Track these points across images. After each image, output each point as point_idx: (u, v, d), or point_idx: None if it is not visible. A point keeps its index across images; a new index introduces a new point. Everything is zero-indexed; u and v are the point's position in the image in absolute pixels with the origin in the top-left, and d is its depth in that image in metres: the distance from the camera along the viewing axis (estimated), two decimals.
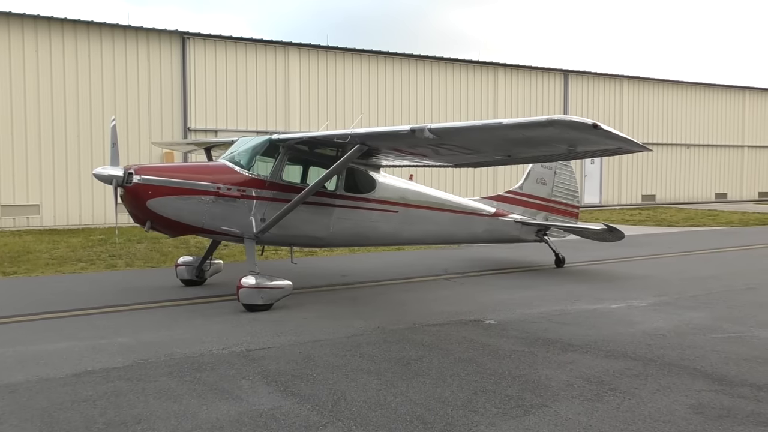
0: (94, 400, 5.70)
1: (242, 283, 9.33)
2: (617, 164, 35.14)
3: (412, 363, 6.88)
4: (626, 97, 35.79)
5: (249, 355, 7.15)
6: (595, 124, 6.88)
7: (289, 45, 26.10)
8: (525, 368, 6.72)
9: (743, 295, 10.88)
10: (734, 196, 40.30)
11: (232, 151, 10.56)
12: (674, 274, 13.01)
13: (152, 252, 15.52)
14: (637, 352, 7.36)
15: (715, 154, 39.50)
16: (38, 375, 6.38)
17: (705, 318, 9.09)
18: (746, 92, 40.69)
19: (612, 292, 11.02)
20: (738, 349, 7.46)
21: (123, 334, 7.97)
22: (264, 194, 10.13)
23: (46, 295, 10.55)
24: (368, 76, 28.04)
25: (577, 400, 5.78)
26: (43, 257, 14.59)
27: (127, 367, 6.68)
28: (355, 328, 8.40)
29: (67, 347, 7.38)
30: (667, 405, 5.68)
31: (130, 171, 9.40)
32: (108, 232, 19.19)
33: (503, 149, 9.28)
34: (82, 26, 22.39)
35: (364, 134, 9.51)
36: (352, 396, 5.85)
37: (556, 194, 14.71)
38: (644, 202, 36.17)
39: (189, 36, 24.13)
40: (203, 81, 24.48)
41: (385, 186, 11.55)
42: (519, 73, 32.30)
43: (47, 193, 21.94)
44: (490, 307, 9.77)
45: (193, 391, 5.95)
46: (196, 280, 11.36)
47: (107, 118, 21.96)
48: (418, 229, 12.01)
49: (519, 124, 7.65)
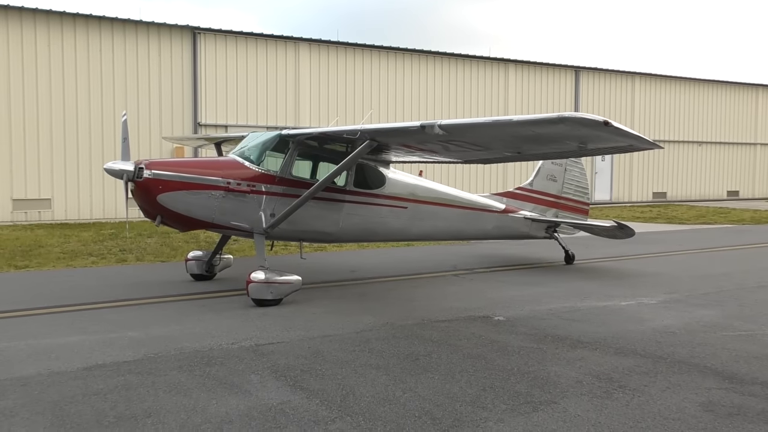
0: (105, 394, 5.74)
1: (251, 278, 9.36)
2: (628, 161, 34.97)
3: (421, 359, 6.88)
4: (638, 94, 35.59)
5: (258, 349, 7.18)
6: (606, 122, 6.85)
7: (300, 40, 26.12)
8: (534, 365, 6.71)
9: (755, 293, 10.80)
10: (746, 193, 40.04)
11: (242, 146, 10.57)
12: (685, 272, 12.94)
13: (162, 246, 15.59)
14: (646, 349, 7.32)
15: (728, 152, 39.24)
16: (49, 368, 6.43)
17: (716, 316, 9.04)
18: (760, 90, 40.41)
19: (622, 290, 10.98)
20: (749, 347, 7.41)
21: (133, 328, 8.01)
22: (274, 189, 10.14)
23: (57, 289, 10.62)
24: (378, 72, 28.01)
25: (586, 397, 5.76)
26: (55, 251, 14.69)
27: (138, 360, 6.71)
28: (364, 323, 8.41)
29: (78, 341, 7.42)
30: (677, 403, 5.65)
31: (140, 166, 9.42)
32: (119, 227, 19.29)
33: (513, 146, 9.26)
34: (94, 21, 22.49)
35: (374, 130, 9.50)
36: (360, 391, 5.86)
37: (566, 191, 14.66)
38: (655, 200, 35.99)
39: (200, 31, 24.19)
40: (214, 76, 24.55)
41: (395, 182, 11.54)
42: (530, 69, 32.19)
43: (59, 187, 22.08)
44: (499, 304, 9.75)
45: (203, 386, 5.98)
46: (206, 275, 11.40)
47: (118, 113, 22.07)
48: (428, 225, 12.00)
49: (529, 121, 7.62)
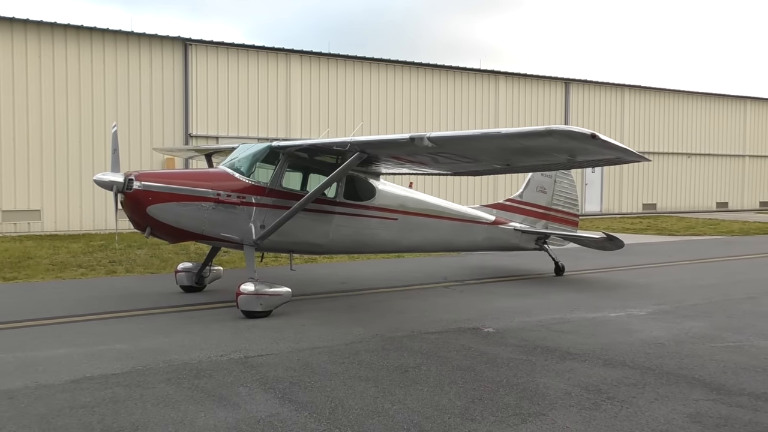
0: (93, 407, 5.71)
1: (241, 289, 9.34)
2: (618, 173, 35.15)
3: (410, 371, 6.88)
4: (627, 106, 35.84)
5: (247, 362, 7.16)
6: (593, 134, 6.90)
7: (291, 52, 26.19)
8: (523, 376, 6.72)
9: (743, 304, 10.87)
10: (735, 205, 40.31)
11: (233, 158, 10.58)
12: (674, 283, 13.00)
13: (152, 258, 15.54)
14: (635, 360, 7.35)
15: (717, 164, 39.54)
16: (37, 381, 6.39)
17: (704, 327, 9.09)
18: (748, 102, 40.77)
19: (611, 301, 11.02)
20: (737, 358, 7.46)
21: (122, 341, 7.97)
22: (264, 201, 10.15)
23: (46, 301, 10.56)
24: (369, 84, 28.11)
25: (575, 409, 5.78)
26: (44, 263, 14.61)
27: (126, 373, 6.68)
28: (353, 335, 8.41)
29: (66, 353, 7.38)
30: (665, 414, 5.68)
31: (130, 177, 9.40)
32: (108, 238, 19.22)
33: (502, 158, 9.31)
34: (85, 32, 22.49)
35: (364, 142, 9.54)
36: (349, 403, 5.86)
37: (556, 202, 14.73)
38: (645, 211, 36.18)
39: (191, 43, 24.23)
40: (205, 87, 24.57)
41: (385, 193, 11.57)
42: (520, 81, 32.38)
43: (48, 198, 21.98)
44: (488, 315, 9.77)
45: (191, 398, 5.96)
46: (195, 287, 11.37)
47: (109, 124, 22.02)
48: (418, 237, 12.02)
49: (518, 134, 7.67)
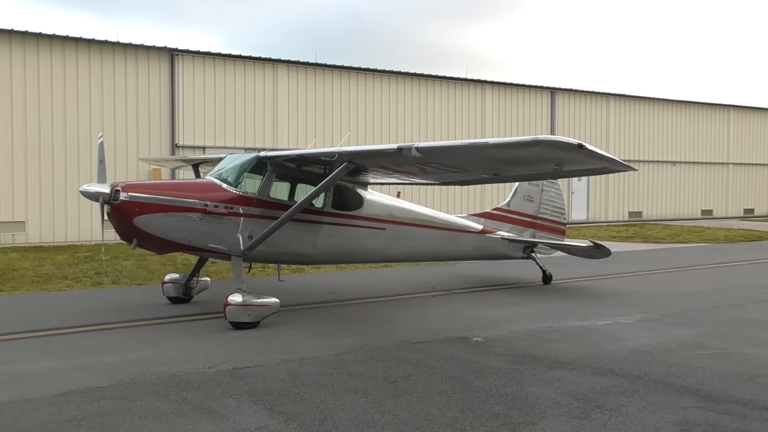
0: (79, 420, 5.65)
1: (229, 300, 9.29)
2: (604, 181, 35.37)
3: (399, 381, 6.87)
4: (613, 115, 36.13)
5: (236, 373, 7.12)
6: (580, 144, 6.95)
7: (278, 62, 26.19)
8: (512, 386, 6.73)
9: (729, 311, 10.95)
10: (720, 212, 40.66)
11: (220, 168, 10.55)
12: (661, 291, 13.08)
13: (139, 269, 15.43)
14: (623, 369, 7.38)
15: (701, 172, 39.90)
16: (22, 394, 6.32)
17: (691, 334, 9.15)
18: (731, 110, 41.22)
19: (599, 309, 11.07)
20: (724, 366, 7.50)
21: (108, 353, 7.91)
22: (251, 211, 10.12)
23: (31, 314, 10.46)
24: (356, 94, 28.16)
25: (564, 418, 5.79)
26: (28, 275, 14.47)
27: (113, 386, 6.62)
28: (342, 345, 8.38)
29: (52, 366, 7.31)
30: (654, 422, 5.70)
31: (116, 188, 9.34)
32: (94, 249, 19.06)
33: (490, 168, 9.36)
34: (71, 43, 22.37)
35: (352, 152, 9.55)
36: (338, 414, 5.83)
37: (543, 211, 14.79)
38: (631, 219, 36.40)
39: (177, 53, 24.17)
40: (191, 97, 24.51)
41: (373, 203, 11.58)
42: (506, 90, 32.56)
43: (33, 209, 21.78)
44: (477, 324, 9.77)
45: (179, 411, 5.91)
46: (182, 298, 11.30)
47: (95, 134, 21.87)
48: (406, 247, 12.03)
49: (505, 144, 7.72)
